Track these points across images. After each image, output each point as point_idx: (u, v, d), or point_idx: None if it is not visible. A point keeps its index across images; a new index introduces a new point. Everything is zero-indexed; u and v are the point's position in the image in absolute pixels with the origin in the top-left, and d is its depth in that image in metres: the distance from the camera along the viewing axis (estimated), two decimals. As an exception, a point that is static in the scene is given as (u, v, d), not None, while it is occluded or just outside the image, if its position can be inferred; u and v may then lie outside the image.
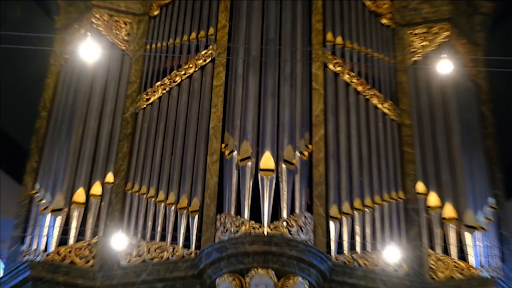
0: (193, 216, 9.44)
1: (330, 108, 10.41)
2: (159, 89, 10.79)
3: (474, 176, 10.22)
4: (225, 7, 11.25)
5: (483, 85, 11.42)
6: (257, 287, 8.56)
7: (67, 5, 11.76)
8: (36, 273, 9.15)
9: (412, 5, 11.67)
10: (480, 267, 9.42)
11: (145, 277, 9.09)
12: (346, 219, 9.49)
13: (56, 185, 9.96)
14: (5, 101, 12.52)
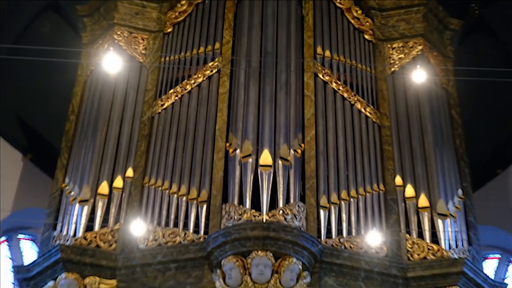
0: (202, 206, 9.39)
1: (319, 112, 10.36)
2: (172, 96, 10.73)
3: (445, 171, 10.17)
4: (228, 24, 11.20)
5: (452, 92, 11.40)
6: (258, 267, 8.52)
7: (92, 23, 11.73)
8: (66, 256, 9.09)
9: (390, 23, 11.64)
10: (450, 249, 9.37)
11: (161, 258, 9.08)
12: (334, 208, 9.44)
13: (83, 179, 9.91)
14: (39, 107, 12.47)
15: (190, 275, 8.95)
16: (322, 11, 11.53)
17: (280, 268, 8.64)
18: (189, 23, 11.52)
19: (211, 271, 8.87)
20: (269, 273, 8.58)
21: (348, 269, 9.03)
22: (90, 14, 11.81)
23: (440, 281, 9.15)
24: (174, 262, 9.05)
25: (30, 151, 12.53)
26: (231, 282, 8.62)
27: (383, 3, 11.75)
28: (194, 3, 11.67)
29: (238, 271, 8.61)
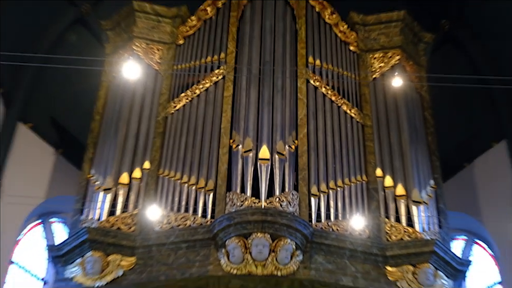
0: (209, 194, 9.43)
1: (311, 113, 10.38)
2: (183, 99, 10.74)
3: (419, 164, 10.19)
4: (232, 37, 11.21)
5: (425, 95, 11.43)
6: (257, 247, 8.57)
7: (114, 36, 11.75)
8: (91, 236, 9.13)
9: (372, 36, 11.66)
10: (423, 232, 9.40)
11: (173, 239, 9.12)
12: (323, 196, 9.47)
13: (106, 170, 9.92)
14: (69, 109, 12.47)
15: (198, 253, 8.97)
16: (313, 26, 11.54)
17: (276, 248, 8.67)
18: (198, 36, 11.53)
19: (217, 250, 8.89)
20: (267, 252, 8.63)
21: (335, 248, 9.07)
22: (112, 28, 11.83)
23: (414, 259, 9.17)
24: (184, 242, 9.08)
25: (61, 146, 12.51)
26: (234, 260, 8.65)
27: (366, 19, 11.74)
28: (202, 19, 11.68)
29: (240, 250, 8.65)
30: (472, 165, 12.64)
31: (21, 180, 11.63)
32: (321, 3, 11.81)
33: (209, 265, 8.82)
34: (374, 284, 9.00)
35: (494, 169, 12.20)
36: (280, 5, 11.35)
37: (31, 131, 12.17)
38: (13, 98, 11.83)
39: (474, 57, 12.50)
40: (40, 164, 12.24)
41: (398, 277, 9.09)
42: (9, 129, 11.68)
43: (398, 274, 9.12)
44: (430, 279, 9.10)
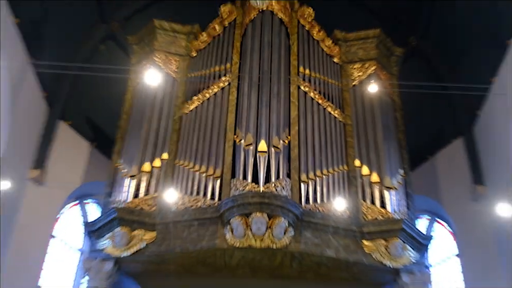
0: (216, 180, 9.43)
1: (301, 114, 10.39)
2: (195, 101, 10.75)
3: (391, 156, 10.19)
4: (236, 50, 11.23)
5: (396, 100, 11.42)
6: (256, 224, 8.60)
7: (139, 49, 11.77)
8: (119, 215, 9.18)
9: (352, 50, 11.66)
10: (393, 212, 9.42)
11: (187, 217, 9.14)
12: (311, 182, 9.47)
13: (132, 160, 9.92)
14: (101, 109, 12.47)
15: (208, 229, 8.97)
16: (304, 41, 11.55)
17: (272, 225, 8.68)
18: (208, 49, 11.53)
19: (223, 226, 8.90)
20: (264, 228, 8.64)
21: (321, 226, 9.07)
22: (137, 42, 11.83)
23: (386, 235, 9.19)
24: (196, 220, 9.09)
25: (95, 140, 12.51)
26: (237, 234, 8.66)
27: (347, 36, 11.74)
28: (212, 35, 11.69)
29: (242, 227, 8.65)
30: (434, 157, 12.65)
31: (61, 168, 11.65)
32: (310, 23, 11.80)
33: (216, 239, 8.83)
34: (353, 255, 9.00)
35: (452, 161, 12.21)
36: (276, 25, 11.32)
37: (70, 128, 12.17)
38: (55, 100, 11.82)
39: (437, 68, 12.49)
40: (77, 155, 12.24)
41: (372, 250, 9.09)
42: (51, 126, 11.69)
43: (372, 247, 9.12)
44: (399, 251, 9.11)
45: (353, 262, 8.99)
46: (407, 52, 12.42)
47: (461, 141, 12.11)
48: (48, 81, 11.53)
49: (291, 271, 9.15)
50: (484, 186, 11.38)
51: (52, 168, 11.51)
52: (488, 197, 11.13)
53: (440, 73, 12.38)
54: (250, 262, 9.03)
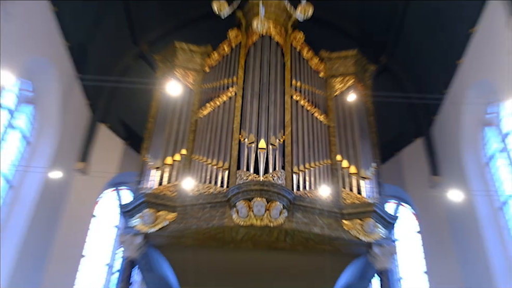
0: (225, 171, 9.37)
1: (293, 118, 10.31)
2: (208, 108, 10.67)
3: (365, 152, 10.12)
4: (241, 66, 11.14)
5: (370, 106, 11.30)
6: (257, 207, 8.58)
7: (163, 65, 11.63)
8: (147, 199, 9.11)
9: (335, 67, 11.54)
10: (367, 197, 9.36)
11: (201, 201, 9.06)
12: (301, 173, 9.41)
13: (157, 155, 9.85)
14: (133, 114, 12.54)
15: (218, 211, 8.91)
16: (295, 59, 11.45)
17: (270, 207, 8.64)
18: (218, 66, 11.43)
19: (230, 209, 8.84)
20: (263, 210, 8.61)
21: (309, 208, 9.00)
22: (161, 60, 11.72)
23: (361, 215, 9.14)
24: (208, 203, 9.02)
25: (128, 139, 12.54)
26: (242, 215, 8.63)
27: (331, 55, 11.63)
28: (221, 54, 11.59)
29: (245, 209, 8.62)
30: (400, 153, 12.66)
31: (101, 161, 11.68)
32: (301, 45, 11.74)
33: (225, 219, 8.78)
34: (335, 232, 8.95)
35: (414, 156, 12.24)
36: (273, 46, 11.26)
37: (108, 129, 12.20)
38: (96, 107, 11.87)
39: (402, 81, 12.49)
40: (113, 151, 12.25)
41: (350, 228, 9.05)
42: (93, 128, 11.75)
43: (350, 225, 9.08)
44: (371, 228, 9.08)
45: (334, 237, 8.94)
46: (379, 68, 12.36)
47: (421, 140, 12.16)
48: (91, 92, 11.59)
49: (284, 244, 9.11)
50: (439, 177, 11.44)
51: (94, 161, 11.56)
52: (442, 185, 11.19)
53: (405, 85, 12.38)
54: (252, 237, 8.97)
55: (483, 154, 10.23)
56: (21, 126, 9.54)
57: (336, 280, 9.27)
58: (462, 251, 10.26)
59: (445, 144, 11.27)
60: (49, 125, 10.16)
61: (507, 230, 9.19)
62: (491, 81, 9.10)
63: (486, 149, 10.21)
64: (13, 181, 9.22)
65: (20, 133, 9.51)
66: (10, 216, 9.01)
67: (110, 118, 12.23)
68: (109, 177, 11.80)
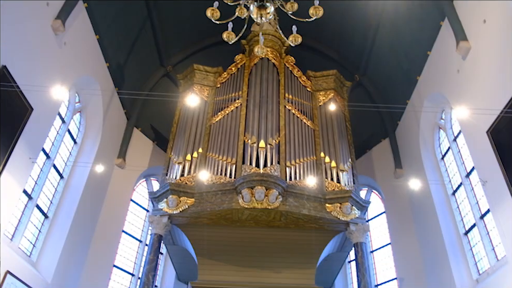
0: (232, 165, 9.23)
1: (286, 124, 10.13)
2: (219, 115, 10.51)
3: (343, 150, 9.97)
4: (245, 83, 10.97)
5: (346, 114, 11.12)
6: (258, 193, 8.49)
7: (184, 82, 11.52)
8: (171, 187, 8.99)
9: (318, 83, 11.38)
10: (345, 186, 9.23)
11: (214, 189, 8.93)
12: (293, 167, 9.26)
13: (179, 153, 9.72)
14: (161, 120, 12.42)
15: (227, 196, 8.78)
16: (288, 77, 11.28)
17: (268, 194, 8.52)
18: (227, 82, 11.27)
19: (237, 195, 8.71)
20: (263, 196, 8.49)
21: (299, 194, 8.87)
22: (183, 78, 11.61)
23: (340, 200, 9.01)
24: (220, 191, 8.89)
25: (156, 140, 12.47)
26: (246, 200, 8.52)
27: (316, 74, 11.45)
28: (230, 74, 11.45)
29: (249, 195, 8.51)
30: (371, 151, 12.55)
31: (135, 158, 11.61)
32: (292, 66, 11.57)
33: (233, 203, 8.65)
34: (319, 213, 8.82)
35: (382, 153, 12.15)
36: (270, 67, 11.09)
37: (140, 132, 12.13)
38: (131, 115, 11.80)
39: (372, 94, 12.35)
40: (145, 149, 12.15)
41: (332, 210, 8.92)
42: (129, 131, 11.69)
43: (332, 208, 8.95)
44: (348, 210, 8.95)
45: (319, 217, 8.82)
46: (354, 84, 12.22)
47: (387, 141, 12.07)
48: (127, 103, 11.54)
49: (280, 223, 9.00)
50: (402, 169, 11.35)
51: (130, 157, 11.48)
52: (404, 176, 11.11)
53: (374, 97, 12.27)
54: (254, 217, 8.87)
55: (437, 151, 10.14)
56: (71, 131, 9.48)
57: (321, 251, 9.19)
58: (420, 228, 10.16)
59: (407, 144, 11.18)
60: (93, 129, 10.10)
61: (458, 212, 9.11)
62: (444, 93, 9.03)
63: (440, 147, 10.14)
64: (64, 174, 9.16)
65: (70, 136, 9.45)
66: (62, 202, 8.95)
67: (141, 123, 12.14)
68: (141, 170, 11.74)
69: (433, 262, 9.34)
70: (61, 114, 8.95)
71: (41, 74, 7.36)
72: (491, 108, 6.84)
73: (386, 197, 11.68)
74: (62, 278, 8.39)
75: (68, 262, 8.66)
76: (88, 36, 9.16)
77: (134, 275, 10.96)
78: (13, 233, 7.39)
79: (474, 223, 8.33)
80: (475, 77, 7.64)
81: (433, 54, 9.37)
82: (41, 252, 8.19)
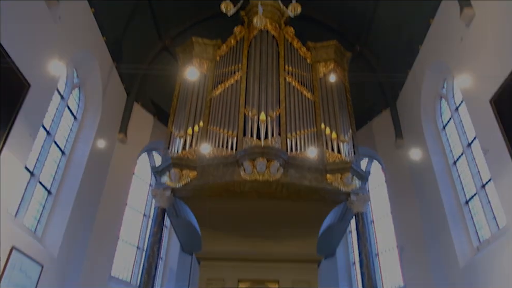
0: (234, 138, 9.11)
1: (287, 96, 9.94)
2: (219, 89, 10.29)
3: (344, 121, 9.83)
4: (245, 55, 10.70)
5: (347, 85, 10.90)
6: (259, 165, 8.45)
7: (183, 56, 11.16)
8: (173, 161, 8.93)
9: (318, 54, 11.06)
10: (346, 156, 9.13)
11: (216, 162, 8.86)
12: (293, 138, 9.15)
13: (180, 127, 9.59)
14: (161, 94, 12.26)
15: (229, 169, 8.70)
16: (288, 49, 11.00)
17: (269, 165, 8.45)
18: (227, 55, 10.99)
19: (238, 167, 8.64)
20: (264, 168, 8.44)
21: (300, 165, 8.78)
22: (182, 52, 11.25)
23: (341, 171, 8.94)
24: (222, 163, 8.81)
25: (156, 114, 12.30)
26: (247, 172, 8.47)
27: (316, 45, 11.13)
28: (229, 46, 11.15)
29: (250, 167, 8.45)
30: (371, 121, 12.36)
31: (136, 132, 11.49)
32: (292, 37, 11.25)
33: (235, 175, 8.58)
34: (320, 184, 8.75)
35: (383, 123, 11.98)
36: (270, 39, 10.80)
37: (141, 107, 11.93)
38: (131, 90, 11.59)
39: (372, 64, 12.06)
40: (146, 124, 11.98)
41: (333, 180, 8.85)
42: (129, 106, 11.49)
43: (332, 179, 8.88)
44: (349, 181, 8.89)
45: (320, 188, 8.76)
46: (354, 54, 11.87)
47: (388, 111, 11.87)
48: (126, 78, 11.33)
49: (281, 194, 8.91)
50: (402, 139, 11.21)
51: (131, 132, 11.35)
52: (404, 146, 10.99)
53: (375, 67, 11.99)
54: (256, 189, 8.76)
55: (439, 121, 9.97)
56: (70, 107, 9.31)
57: (323, 221, 9.18)
58: (421, 197, 10.10)
59: (408, 114, 10.98)
60: (92, 105, 9.92)
61: (459, 181, 9.01)
62: (446, 62, 8.77)
63: (441, 117, 9.96)
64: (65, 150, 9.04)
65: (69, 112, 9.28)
66: (65, 178, 8.87)
67: (141, 98, 11.93)
68: (143, 145, 11.64)
69: (433, 231, 9.32)
70: (59, 90, 8.74)
71: (37, 49, 7.12)
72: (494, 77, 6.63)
73: (387, 168, 11.60)
74: (68, 251, 8.39)
75: (74, 236, 8.65)
76: (83, 9, 8.84)
77: (139, 248, 11.02)
78: (17, 210, 7.32)
79: (475, 192, 8.24)
80: (478, 45, 7.37)
81: (436, 22, 9.05)
82: (46, 228, 8.15)
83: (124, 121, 11.19)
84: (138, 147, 11.48)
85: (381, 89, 11.94)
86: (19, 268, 6.74)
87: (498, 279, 6.65)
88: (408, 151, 9.72)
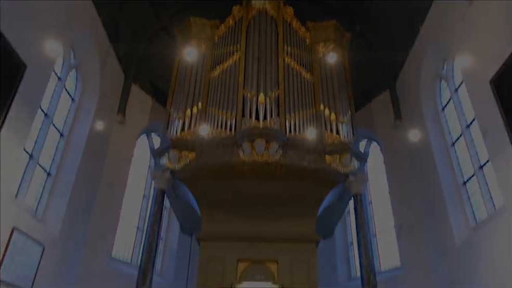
0: (233, 119, 9.06)
1: (285, 77, 9.81)
2: (218, 69, 10.18)
3: (343, 102, 9.73)
4: (243, 36, 10.53)
5: (347, 66, 10.72)
6: (258, 146, 8.41)
7: (181, 36, 10.96)
8: (172, 142, 8.89)
9: (318, 35, 10.87)
10: (345, 138, 9.09)
11: (215, 143, 8.82)
12: (292, 120, 9.09)
13: (179, 108, 9.52)
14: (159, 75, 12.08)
15: (228, 149, 8.67)
16: (286, 29, 10.81)
17: (268, 147, 8.43)
18: (225, 36, 10.82)
19: (237, 148, 8.61)
20: (263, 149, 8.41)
21: (299, 147, 8.75)
22: (180, 32, 11.06)
23: (340, 152, 8.88)
24: (220, 144, 8.77)
25: (155, 95, 12.22)
26: (246, 153, 8.44)
27: (315, 25, 10.93)
28: (227, 26, 10.97)
29: (249, 148, 8.43)
30: (371, 103, 12.30)
31: (135, 113, 11.42)
32: (291, 17, 11.07)
33: (233, 156, 8.56)
34: (319, 165, 8.72)
35: (382, 104, 11.91)
36: (268, 19, 10.66)
37: (139, 88, 11.85)
38: (128, 70, 11.49)
39: (373, 45, 11.94)
40: (144, 105, 11.92)
41: (331, 161, 8.84)
42: (127, 87, 11.42)
43: (331, 160, 8.87)
44: (348, 162, 8.87)
45: (319, 169, 8.74)
46: (354, 35, 11.72)
47: (388, 92, 11.80)
48: (124, 59, 11.22)
49: (280, 175, 8.84)
50: (401, 121, 11.19)
51: (129, 113, 11.30)
52: (403, 127, 10.97)
53: (375, 48, 11.87)
54: (255, 170, 8.68)
55: (438, 102, 9.92)
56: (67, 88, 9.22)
57: (321, 202, 9.20)
58: (419, 178, 10.14)
59: (407, 95, 10.93)
60: (90, 86, 9.84)
61: (457, 162, 9.02)
62: (447, 42, 8.67)
63: (441, 98, 9.91)
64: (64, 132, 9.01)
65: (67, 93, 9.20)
66: (64, 159, 8.86)
67: (140, 79, 11.82)
68: (141, 126, 11.61)
69: (431, 211, 9.38)
70: (56, 72, 8.65)
71: (32, 29, 7.01)
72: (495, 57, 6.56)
73: (386, 149, 11.60)
74: (69, 232, 8.46)
75: (75, 217, 8.70)
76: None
77: (139, 229, 11.10)
78: (16, 191, 7.34)
79: (473, 173, 8.26)
80: (480, 25, 7.27)
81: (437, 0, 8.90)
82: (47, 209, 8.19)
83: (122, 102, 11.12)
84: (136, 128, 11.45)
85: (381, 70, 11.84)
86: (21, 249, 6.80)
87: (493, 258, 6.73)
88: (407, 132, 9.70)
